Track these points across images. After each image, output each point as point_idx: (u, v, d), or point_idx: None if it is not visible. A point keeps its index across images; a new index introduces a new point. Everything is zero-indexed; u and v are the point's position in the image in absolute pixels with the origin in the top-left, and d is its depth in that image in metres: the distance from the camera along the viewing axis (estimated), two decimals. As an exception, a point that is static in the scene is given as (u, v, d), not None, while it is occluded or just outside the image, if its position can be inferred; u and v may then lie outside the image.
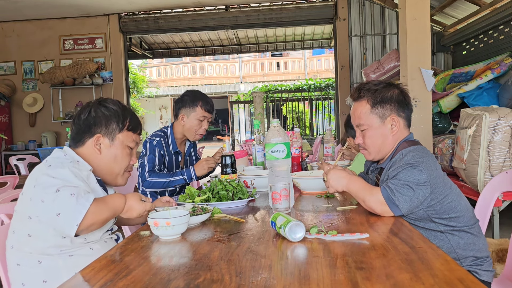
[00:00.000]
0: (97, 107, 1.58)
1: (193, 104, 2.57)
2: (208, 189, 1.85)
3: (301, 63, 21.60)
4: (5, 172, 7.12)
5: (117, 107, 1.59)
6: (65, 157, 1.50)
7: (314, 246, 1.18)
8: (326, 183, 1.67)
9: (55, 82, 7.35)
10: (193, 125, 2.58)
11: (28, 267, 1.40)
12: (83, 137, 1.55)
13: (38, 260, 1.40)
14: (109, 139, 1.56)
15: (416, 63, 3.56)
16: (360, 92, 1.72)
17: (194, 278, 0.97)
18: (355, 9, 7.02)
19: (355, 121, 1.75)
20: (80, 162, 1.51)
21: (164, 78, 22.01)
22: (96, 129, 1.55)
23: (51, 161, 1.46)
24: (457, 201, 1.58)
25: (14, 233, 1.43)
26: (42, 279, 1.39)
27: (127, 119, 1.59)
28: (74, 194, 1.29)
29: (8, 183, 3.41)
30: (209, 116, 2.63)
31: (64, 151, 1.54)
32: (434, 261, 1.01)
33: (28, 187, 1.41)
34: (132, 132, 1.61)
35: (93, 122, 1.55)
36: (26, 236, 1.39)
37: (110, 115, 1.56)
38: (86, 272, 1.06)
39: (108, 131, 1.56)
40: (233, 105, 12.63)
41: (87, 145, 1.55)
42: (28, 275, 1.41)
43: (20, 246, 1.41)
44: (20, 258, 1.42)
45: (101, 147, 1.55)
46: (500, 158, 2.79)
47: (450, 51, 6.62)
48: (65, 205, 1.28)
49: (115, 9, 7.21)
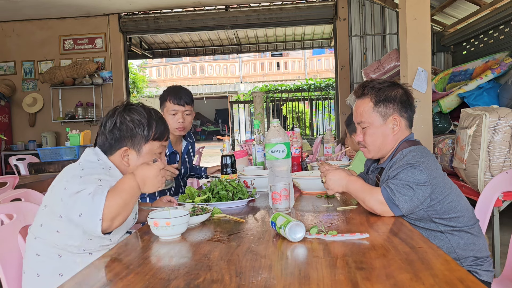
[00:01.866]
0: (123, 117, 1.55)
1: (164, 100, 2.53)
2: (208, 189, 1.85)
3: (301, 63, 21.60)
4: (5, 172, 7.12)
5: (141, 117, 1.56)
6: (99, 161, 1.50)
7: (314, 246, 1.18)
8: (325, 184, 1.67)
9: (55, 82, 7.34)
10: (168, 120, 2.46)
11: (47, 258, 1.43)
12: (111, 148, 1.55)
13: (58, 254, 1.43)
14: (136, 151, 1.56)
15: (416, 63, 3.56)
16: (364, 90, 1.71)
17: (194, 278, 0.97)
18: (355, 9, 7.02)
19: (356, 118, 1.75)
20: (112, 169, 1.52)
21: (164, 78, 22.01)
22: (122, 142, 1.54)
23: (84, 164, 1.47)
24: (457, 201, 1.58)
25: (41, 226, 1.45)
26: (58, 273, 1.42)
27: (152, 129, 1.57)
28: (91, 193, 1.30)
29: (8, 183, 3.41)
30: (181, 109, 2.49)
31: (96, 153, 1.53)
32: (434, 261, 1.01)
33: (59, 187, 1.42)
34: (158, 141, 1.60)
35: (119, 135, 1.54)
36: (55, 232, 1.42)
37: (135, 126, 1.55)
38: (86, 272, 1.06)
39: (134, 143, 1.55)
40: (233, 105, 12.63)
41: (116, 156, 1.56)
42: (46, 266, 1.43)
43: (46, 238, 1.44)
44: (42, 249, 1.44)
45: (129, 159, 1.55)
46: (500, 158, 2.79)
47: (450, 51, 6.61)
48: (84, 205, 1.30)
49: (115, 9, 7.20)
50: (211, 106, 24.03)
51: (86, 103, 7.44)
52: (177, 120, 2.49)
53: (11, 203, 1.78)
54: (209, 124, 25.56)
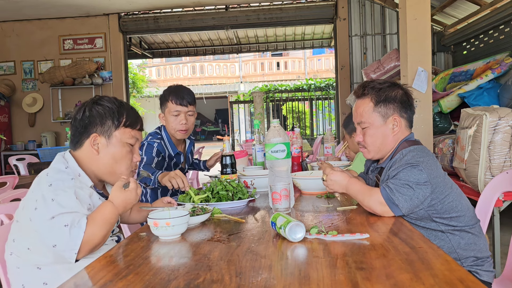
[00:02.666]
0: (92, 106, 1.52)
1: (165, 100, 2.45)
2: (208, 189, 1.84)
3: (301, 63, 21.60)
4: (5, 172, 7.12)
5: (112, 104, 1.52)
6: (66, 170, 1.44)
7: (314, 247, 1.18)
8: (325, 183, 1.67)
9: (55, 82, 7.34)
10: (170, 122, 2.43)
11: (28, 271, 1.40)
12: (80, 139, 1.51)
13: (37, 266, 1.39)
14: (105, 138, 1.50)
15: (416, 63, 3.56)
16: (364, 90, 1.71)
17: (194, 278, 0.97)
18: (355, 8, 7.02)
19: (356, 118, 1.74)
20: (81, 176, 1.47)
21: (164, 78, 22.01)
22: (92, 128, 1.49)
23: (52, 176, 1.40)
24: (458, 200, 1.58)
25: (14, 242, 1.41)
26: (42, 282, 1.39)
27: (123, 115, 1.52)
28: (67, 225, 1.28)
29: (8, 183, 3.41)
30: (184, 110, 2.42)
31: (66, 160, 1.48)
32: (435, 261, 1.01)
33: (29, 205, 1.36)
34: (130, 128, 1.54)
35: (88, 122, 1.50)
36: (26, 249, 1.38)
37: (105, 113, 1.50)
38: (86, 272, 1.06)
39: (104, 129, 1.50)
40: (233, 105, 12.63)
41: (85, 147, 1.50)
42: (28, 278, 1.40)
43: (20, 255, 1.40)
44: (19, 263, 1.41)
45: (98, 147, 1.50)
46: (500, 158, 2.79)
47: (450, 51, 6.61)
48: (59, 238, 1.28)
49: (114, 9, 7.20)
50: (211, 106, 24.04)
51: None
52: (179, 122, 2.42)
53: (11, 203, 1.78)
54: (209, 124, 25.58)
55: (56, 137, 7.45)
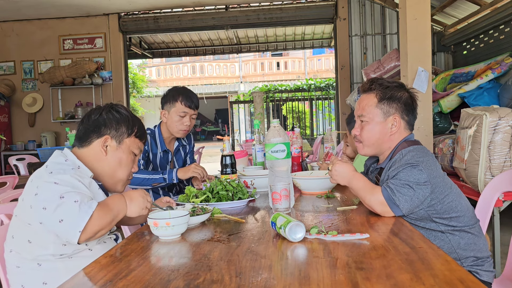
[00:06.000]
0: (109, 110, 1.60)
1: (174, 100, 2.52)
2: (208, 189, 1.84)
3: (301, 62, 21.59)
4: (5, 172, 7.12)
5: (128, 113, 1.63)
6: (66, 162, 1.48)
7: (314, 247, 1.17)
8: (330, 173, 1.68)
9: (55, 82, 7.34)
10: (174, 121, 2.51)
11: (27, 269, 1.40)
12: (90, 137, 1.55)
13: (37, 263, 1.40)
14: (117, 142, 1.57)
15: (416, 63, 3.56)
16: (371, 85, 1.73)
17: (194, 278, 0.97)
18: (356, 8, 7.02)
19: (358, 111, 1.75)
20: (81, 168, 1.50)
21: (164, 78, 22.00)
22: (106, 130, 1.56)
23: (52, 167, 1.44)
24: (458, 200, 1.58)
25: (13, 238, 1.43)
26: (42, 281, 1.39)
27: (136, 126, 1.62)
28: (77, 201, 1.29)
29: (8, 183, 3.41)
30: (190, 112, 2.52)
31: (65, 154, 1.52)
32: (435, 262, 1.01)
33: (28, 194, 1.39)
34: (139, 139, 1.63)
35: (104, 123, 1.57)
36: (26, 242, 1.39)
37: (121, 119, 1.59)
38: (85, 272, 1.06)
39: (118, 134, 1.57)
40: (233, 105, 12.62)
41: (93, 146, 1.55)
42: (28, 277, 1.41)
43: (20, 251, 1.41)
44: (19, 261, 1.41)
45: (107, 149, 1.56)
46: (500, 158, 2.79)
47: (450, 51, 6.61)
48: (68, 212, 1.29)
49: (114, 9, 7.20)
50: (211, 106, 24.02)
51: (85, 103, 7.44)
52: (184, 122, 2.51)
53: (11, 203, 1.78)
54: (209, 124, 25.56)
55: (56, 137, 7.45)
